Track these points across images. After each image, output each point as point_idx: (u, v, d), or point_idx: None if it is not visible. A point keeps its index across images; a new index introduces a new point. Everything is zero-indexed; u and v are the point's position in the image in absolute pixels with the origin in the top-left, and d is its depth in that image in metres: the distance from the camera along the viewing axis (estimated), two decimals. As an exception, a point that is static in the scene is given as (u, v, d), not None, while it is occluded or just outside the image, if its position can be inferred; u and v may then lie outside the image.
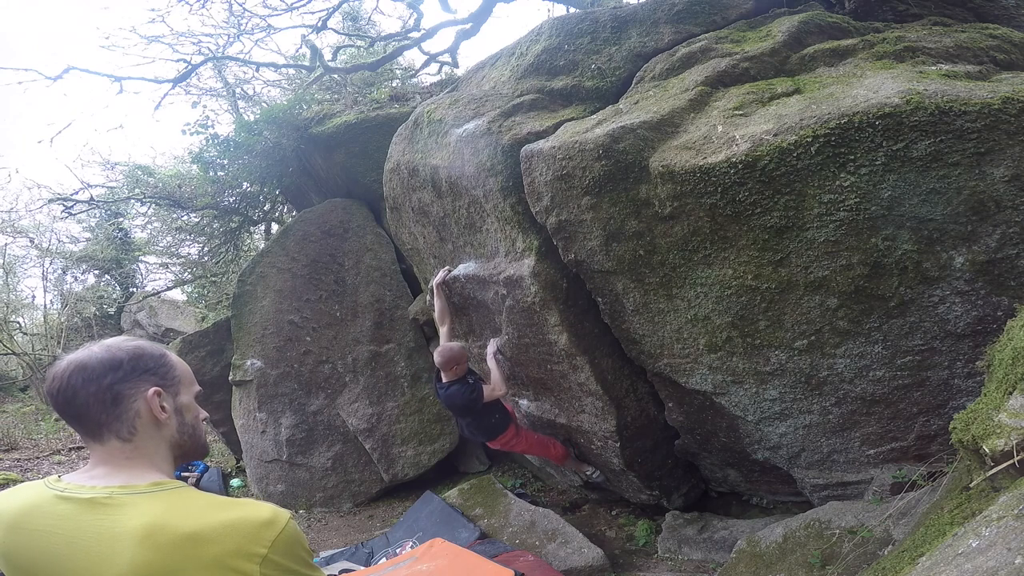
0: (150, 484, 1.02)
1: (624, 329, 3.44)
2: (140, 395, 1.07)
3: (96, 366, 1.04)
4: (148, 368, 1.10)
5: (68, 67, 7.57)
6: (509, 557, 3.65)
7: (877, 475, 3.21)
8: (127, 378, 1.06)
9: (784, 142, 2.47)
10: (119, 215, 12.74)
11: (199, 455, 1.21)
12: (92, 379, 1.03)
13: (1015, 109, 2.33)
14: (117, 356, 1.06)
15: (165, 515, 0.97)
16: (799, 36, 3.36)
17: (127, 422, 1.06)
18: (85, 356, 1.05)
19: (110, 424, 1.05)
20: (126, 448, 1.06)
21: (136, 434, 1.06)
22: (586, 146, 2.90)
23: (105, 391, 1.04)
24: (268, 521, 1.00)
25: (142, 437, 1.07)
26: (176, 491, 1.03)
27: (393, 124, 5.24)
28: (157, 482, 1.03)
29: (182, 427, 1.14)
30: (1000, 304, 2.53)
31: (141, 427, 1.07)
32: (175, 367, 1.15)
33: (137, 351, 1.09)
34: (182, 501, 1.01)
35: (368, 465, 5.92)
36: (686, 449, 4.10)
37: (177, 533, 0.94)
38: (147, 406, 1.07)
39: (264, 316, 6.09)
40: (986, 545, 1.39)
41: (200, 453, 1.21)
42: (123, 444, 1.06)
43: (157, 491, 1.01)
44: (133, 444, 1.06)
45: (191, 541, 0.94)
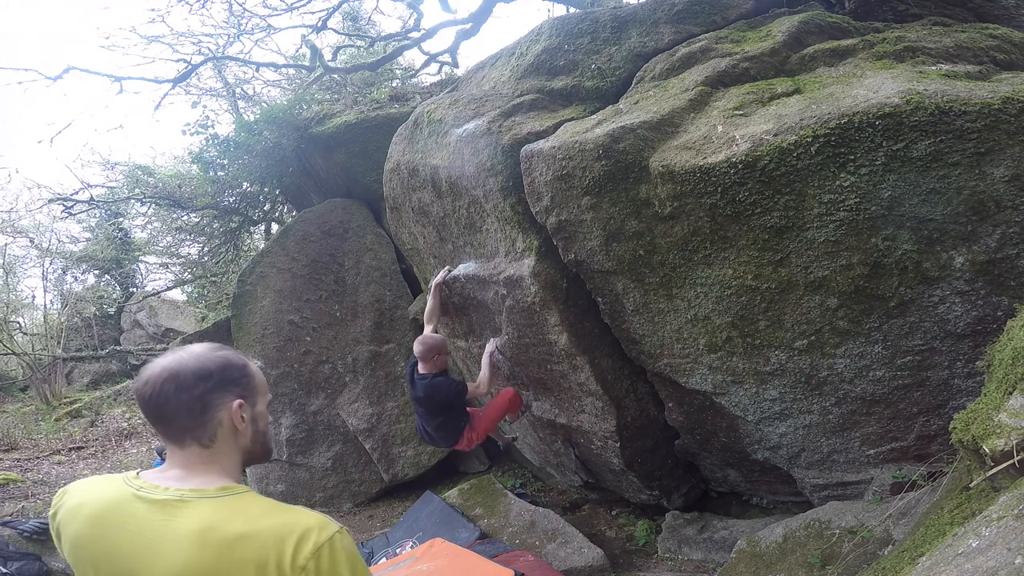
0: (218, 489, 1.07)
1: (624, 329, 3.44)
2: (225, 405, 1.12)
3: (188, 376, 1.08)
4: (233, 379, 1.14)
5: (68, 67, 7.57)
6: (509, 557, 3.65)
7: (877, 475, 3.21)
8: (215, 389, 1.11)
9: (784, 142, 2.47)
10: (119, 215, 12.75)
11: (265, 459, 1.26)
12: (184, 388, 1.07)
13: (1015, 109, 2.33)
14: (207, 367, 1.11)
15: (221, 517, 1.02)
16: (799, 36, 3.36)
17: (210, 430, 1.11)
18: (178, 365, 1.09)
19: (194, 431, 1.10)
20: (204, 453, 1.11)
21: (216, 441, 1.12)
22: (586, 146, 2.90)
23: (195, 400, 1.08)
24: (311, 530, 1.02)
25: (220, 444, 1.12)
26: (241, 496, 1.08)
27: (393, 124, 5.24)
28: (225, 487, 1.08)
29: (255, 435, 1.19)
30: (1000, 304, 2.53)
31: (221, 435, 1.12)
32: (254, 377, 1.20)
33: (225, 362, 1.13)
34: (242, 505, 1.06)
35: (368, 465, 5.92)
36: (686, 449, 4.10)
37: (227, 534, 0.99)
38: (229, 416, 1.12)
39: (264, 316, 6.09)
40: (986, 545, 1.39)
41: (266, 457, 1.25)
42: (202, 450, 1.11)
43: (224, 495, 1.06)
44: (211, 451, 1.12)
45: (237, 542, 0.99)
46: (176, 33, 8.62)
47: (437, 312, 4.10)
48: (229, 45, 8.75)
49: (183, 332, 10.59)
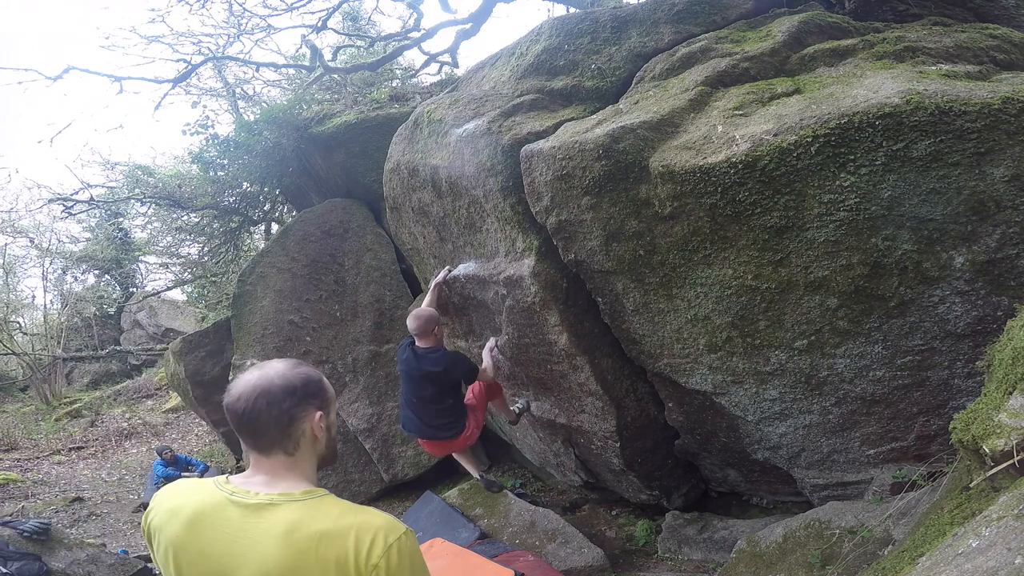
0: (303, 492, 1.18)
1: (624, 329, 3.44)
2: (308, 418, 1.22)
3: (278, 392, 1.18)
4: (313, 393, 1.24)
5: (68, 67, 7.58)
6: (509, 557, 3.65)
7: (877, 475, 3.21)
8: (300, 403, 1.21)
9: (784, 142, 2.47)
10: (119, 215, 12.76)
11: (334, 462, 1.37)
12: (274, 403, 1.18)
13: (1015, 109, 2.33)
14: (293, 383, 1.21)
15: (306, 518, 1.12)
16: (799, 36, 3.36)
17: (294, 440, 1.21)
18: (267, 382, 1.19)
19: (281, 441, 1.20)
20: (288, 461, 1.21)
21: (299, 450, 1.22)
22: (586, 146, 2.90)
23: (284, 414, 1.19)
24: (382, 529, 1.12)
25: (302, 452, 1.23)
26: (322, 498, 1.18)
27: (393, 124, 5.24)
28: (309, 491, 1.19)
29: (329, 442, 1.29)
30: (1000, 304, 2.53)
31: (303, 444, 1.23)
32: (328, 390, 1.30)
33: (306, 378, 1.23)
34: (324, 506, 1.16)
35: (368, 465, 5.92)
36: (686, 449, 4.10)
37: (311, 532, 1.09)
38: (311, 427, 1.23)
39: (264, 316, 6.09)
40: (986, 545, 1.39)
41: (335, 460, 1.37)
42: (287, 458, 1.21)
43: (308, 498, 1.16)
44: (294, 458, 1.22)
45: (321, 540, 1.09)
46: (176, 33, 8.64)
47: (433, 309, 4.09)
48: (229, 45, 8.76)
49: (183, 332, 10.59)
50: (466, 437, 3.81)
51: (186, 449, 9.32)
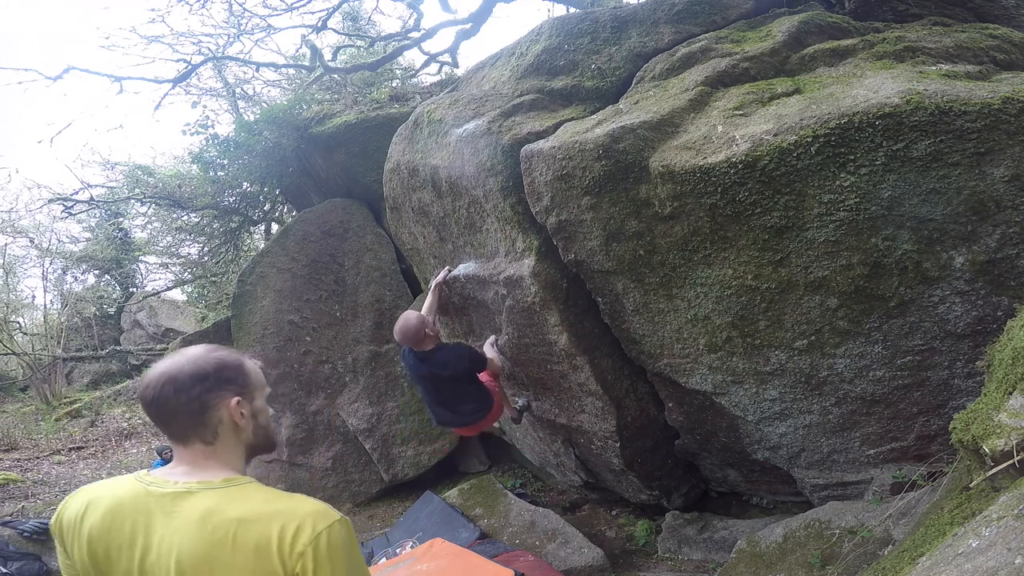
0: (223, 480, 1.14)
1: (624, 329, 3.44)
2: (223, 404, 1.18)
3: (185, 378, 1.14)
4: (229, 378, 1.19)
5: (68, 67, 7.58)
6: (509, 557, 3.65)
7: (877, 475, 3.21)
8: (212, 389, 1.16)
9: (784, 142, 2.47)
10: (119, 215, 12.75)
11: (268, 451, 1.32)
12: (182, 390, 1.14)
13: (1015, 109, 2.33)
14: (204, 368, 1.16)
15: (223, 503, 1.09)
16: (799, 36, 3.36)
17: (211, 428, 1.17)
18: (175, 368, 1.15)
19: (196, 430, 1.16)
20: (207, 450, 1.18)
21: (218, 438, 1.18)
22: (586, 146, 2.90)
23: (193, 401, 1.14)
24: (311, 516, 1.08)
25: (223, 440, 1.19)
26: (244, 485, 1.14)
27: (393, 124, 5.24)
28: (229, 478, 1.15)
29: (257, 429, 1.25)
30: (1000, 304, 2.53)
31: (222, 432, 1.18)
32: (251, 375, 1.25)
33: (220, 362, 1.19)
34: (246, 493, 1.13)
35: (368, 465, 5.92)
36: (686, 449, 4.10)
37: (227, 517, 1.06)
38: (229, 414, 1.18)
39: (264, 316, 6.09)
40: (986, 545, 1.39)
41: (270, 449, 1.31)
42: (205, 447, 1.17)
43: (228, 486, 1.13)
44: (214, 447, 1.18)
45: (238, 525, 1.05)
46: (176, 33, 8.63)
47: (433, 309, 4.08)
48: (229, 45, 8.75)
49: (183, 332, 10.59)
50: (497, 407, 3.79)
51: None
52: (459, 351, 3.57)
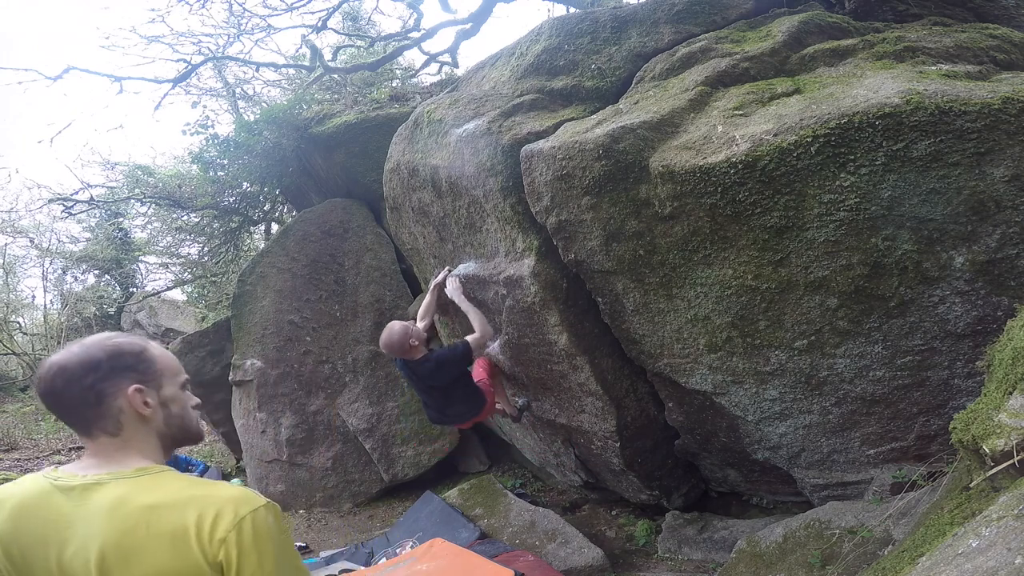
0: (135, 470, 1.08)
1: (624, 329, 3.44)
2: (121, 393, 1.10)
3: (75, 368, 1.07)
4: (128, 365, 1.12)
5: (68, 67, 7.57)
6: (509, 557, 3.65)
7: (877, 475, 3.21)
8: (107, 377, 1.09)
9: (784, 142, 2.47)
10: (119, 215, 12.74)
11: (191, 442, 1.24)
12: (74, 380, 1.07)
13: (1015, 109, 2.33)
14: (95, 356, 1.09)
15: (135, 491, 1.03)
16: (799, 36, 3.36)
17: (112, 419, 1.10)
18: (65, 358, 1.08)
19: (97, 421, 1.10)
20: (115, 442, 1.11)
21: (123, 429, 1.11)
22: (586, 146, 2.90)
23: (88, 391, 1.07)
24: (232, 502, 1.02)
25: (129, 431, 1.12)
26: (159, 474, 1.08)
27: (393, 124, 5.24)
28: (142, 468, 1.09)
29: (169, 419, 1.17)
30: (1000, 304, 2.53)
31: (127, 422, 1.11)
32: (155, 361, 1.16)
33: (115, 349, 1.11)
34: (159, 481, 1.07)
35: (368, 465, 5.92)
36: (686, 449, 4.10)
37: (138, 504, 1.01)
38: (127, 404, 1.11)
39: (264, 316, 6.09)
40: (986, 545, 1.39)
41: (192, 439, 1.23)
42: (111, 439, 1.11)
43: (141, 475, 1.07)
44: (121, 438, 1.11)
45: (151, 513, 1.00)
46: (176, 33, 8.62)
47: (432, 310, 4.08)
48: (229, 45, 8.75)
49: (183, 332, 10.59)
50: (490, 406, 3.78)
51: (186, 449, 9.33)
52: (445, 358, 3.52)
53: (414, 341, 3.50)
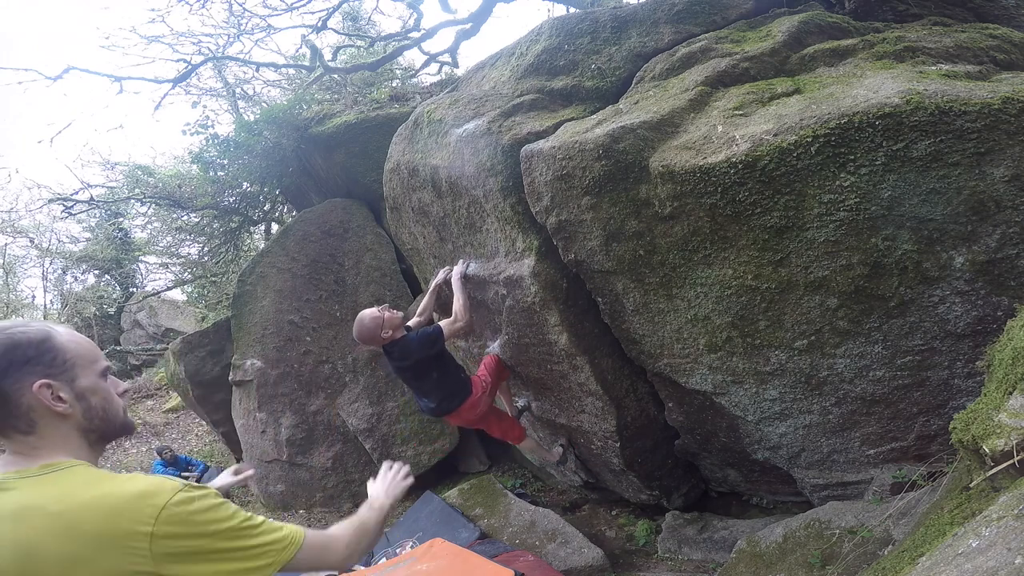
0: (41, 467, 0.99)
1: (624, 329, 3.44)
2: (26, 389, 1.00)
3: None
4: (28, 358, 1.01)
5: (68, 67, 7.58)
6: (509, 557, 3.65)
7: (877, 475, 3.21)
8: (7, 374, 0.99)
9: (784, 142, 2.47)
10: (119, 215, 12.76)
11: (120, 434, 1.14)
12: None
13: (1015, 109, 2.33)
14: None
15: (41, 495, 0.94)
16: (799, 36, 3.36)
17: (22, 418, 1.01)
18: None
19: (6, 420, 1.01)
20: (29, 439, 1.02)
21: (36, 426, 1.02)
22: (586, 146, 2.90)
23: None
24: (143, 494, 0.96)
25: (44, 428, 1.02)
26: (66, 471, 0.99)
27: (393, 124, 5.24)
28: (48, 464, 1.00)
29: (88, 412, 1.07)
30: (1000, 304, 2.53)
31: (39, 419, 1.02)
32: (63, 351, 1.05)
33: (11, 342, 1.00)
34: (64, 480, 0.98)
35: (368, 465, 5.92)
36: (686, 449, 4.10)
37: (46, 512, 0.92)
38: (38, 399, 1.01)
39: (264, 316, 6.09)
40: (986, 545, 1.39)
41: (120, 431, 1.13)
42: (25, 437, 1.02)
43: (47, 472, 0.98)
44: (36, 435, 1.02)
45: (59, 519, 0.92)
46: (176, 33, 8.63)
47: (430, 309, 4.08)
48: (229, 45, 8.76)
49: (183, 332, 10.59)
50: (473, 402, 3.65)
51: (186, 449, 9.33)
52: (413, 340, 3.45)
53: (387, 332, 3.41)
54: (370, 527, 1.40)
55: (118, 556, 0.92)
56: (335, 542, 1.27)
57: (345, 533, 1.31)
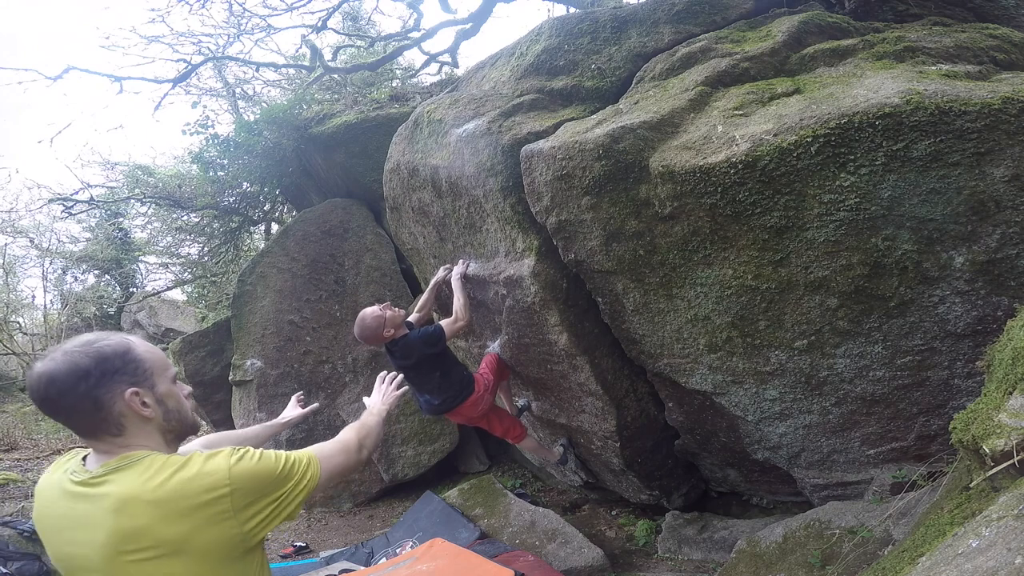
0: (120, 458, 1.12)
1: (624, 329, 3.44)
2: (118, 397, 1.12)
3: (65, 377, 1.07)
4: (117, 369, 1.12)
5: (68, 67, 7.58)
6: (509, 557, 3.65)
7: (877, 475, 3.21)
8: (100, 384, 1.10)
9: (784, 142, 2.47)
10: (119, 215, 12.76)
11: (190, 433, 1.29)
12: (66, 390, 1.08)
13: (1015, 109, 2.33)
14: (82, 364, 1.09)
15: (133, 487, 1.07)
16: (799, 36, 3.36)
17: (114, 422, 1.13)
18: (51, 367, 1.08)
19: (99, 425, 1.12)
20: (119, 440, 1.15)
21: (125, 429, 1.14)
22: (586, 146, 2.90)
23: (83, 399, 1.09)
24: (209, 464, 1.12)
25: (131, 431, 1.15)
26: (142, 460, 1.11)
27: (393, 124, 5.24)
28: (126, 455, 1.12)
29: (167, 414, 1.21)
30: (1000, 304, 2.53)
31: (128, 423, 1.14)
32: (144, 361, 1.17)
33: (100, 355, 1.11)
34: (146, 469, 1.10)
35: (368, 465, 5.92)
36: (686, 449, 4.09)
37: (144, 501, 1.05)
38: (128, 406, 1.13)
39: (264, 316, 6.09)
40: (986, 545, 1.39)
41: (191, 430, 1.28)
42: (115, 439, 1.14)
43: (128, 464, 1.11)
44: (124, 437, 1.15)
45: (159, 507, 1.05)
46: (176, 33, 8.62)
47: (428, 306, 4.08)
48: (229, 45, 8.75)
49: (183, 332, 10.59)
50: (475, 399, 3.65)
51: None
52: (414, 340, 3.44)
53: (388, 331, 3.41)
54: (372, 426, 1.64)
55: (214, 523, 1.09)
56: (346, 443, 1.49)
57: (351, 435, 1.54)
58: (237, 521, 1.11)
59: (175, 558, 1.06)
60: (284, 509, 1.20)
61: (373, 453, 1.75)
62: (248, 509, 1.13)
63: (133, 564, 1.04)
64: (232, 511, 1.10)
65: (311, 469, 1.29)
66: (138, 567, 1.05)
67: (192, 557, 1.07)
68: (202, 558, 1.08)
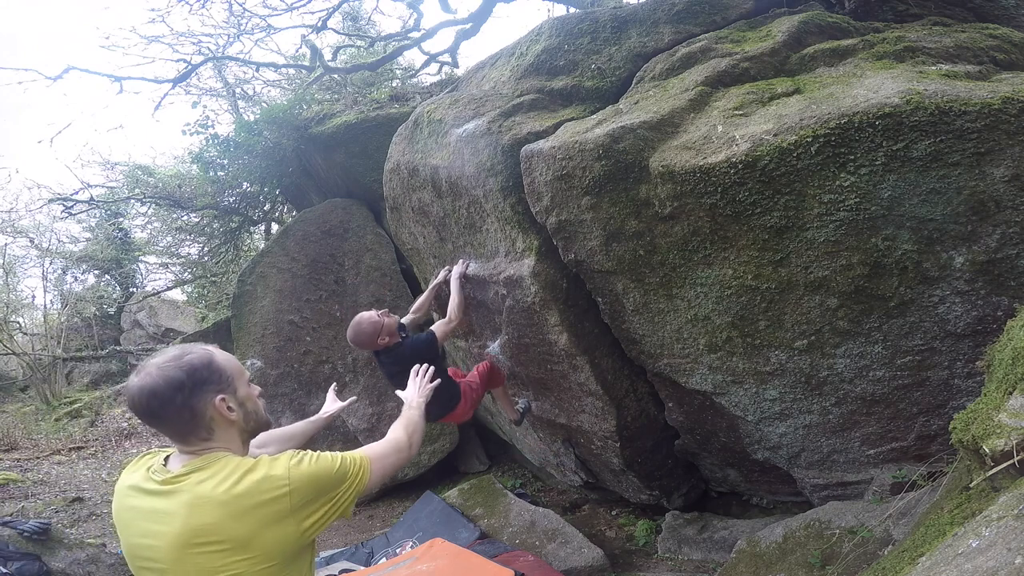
0: (201, 459, 1.25)
1: (624, 329, 3.44)
2: (209, 404, 1.26)
3: (165, 391, 1.21)
4: (206, 379, 1.26)
5: (68, 67, 7.58)
6: (509, 557, 3.65)
7: (877, 475, 3.21)
8: (193, 393, 1.24)
9: (784, 142, 2.47)
10: (119, 215, 12.76)
11: (263, 430, 1.45)
12: (167, 402, 1.21)
13: (1015, 109, 2.33)
14: (178, 377, 1.22)
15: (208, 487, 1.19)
16: (799, 36, 3.36)
17: (205, 427, 1.27)
18: (152, 382, 1.21)
19: (193, 431, 1.26)
20: (206, 443, 1.28)
21: (214, 432, 1.28)
22: (586, 146, 2.90)
23: (181, 409, 1.23)
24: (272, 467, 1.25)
25: (218, 433, 1.29)
26: (218, 462, 1.24)
27: (393, 124, 5.24)
28: (206, 456, 1.25)
29: (247, 416, 1.35)
30: (1000, 304, 2.53)
31: (217, 427, 1.29)
32: (225, 369, 1.31)
33: (190, 368, 1.24)
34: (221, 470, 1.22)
35: (368, 465, 5.92)
36: (686, 449, 4.10)
37: (217, 501, 1.17)
38: (218, 412, 1.27)
39: (264, 316, 6.09)
40: (986, 545, 1.39)
41: (265, 428, 1.44)
42: (203, 441, 1.28)
43: (203, 465, 1.23)
44: (212, 440, 1.28)
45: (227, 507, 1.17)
46: (176, 33, 8.62)
47: (426, 307, 4.06)
48: (229, 45, 8.75)
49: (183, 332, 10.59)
50: (458, 414, 3.62)
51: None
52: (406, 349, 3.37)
53: (384, 339, 3.34)
54: (416, 420, 1.87)
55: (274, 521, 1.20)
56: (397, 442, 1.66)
57: (400, 432, 1.72)
58: (295, 520, 1.23)
59: (238, 553, 1.17)
60: (338, 508, 1.32)
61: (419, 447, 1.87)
62: (305, 508, 1.25)
63: (201, 555, 1.16)
64: (290, 510, 1.22)
65: (362, 469, 1.41)
66: (204, 558, 1.16)
67: (255, 554, 1.18)
68: (264, 556, 1.19)
